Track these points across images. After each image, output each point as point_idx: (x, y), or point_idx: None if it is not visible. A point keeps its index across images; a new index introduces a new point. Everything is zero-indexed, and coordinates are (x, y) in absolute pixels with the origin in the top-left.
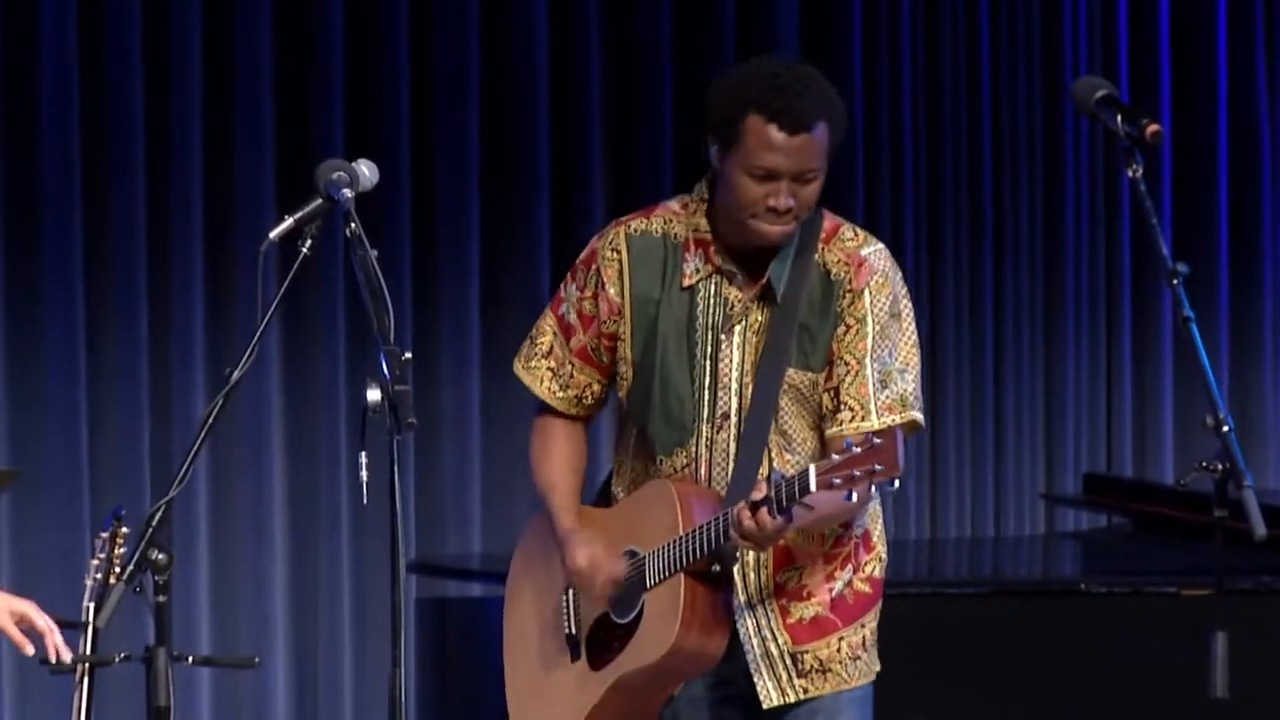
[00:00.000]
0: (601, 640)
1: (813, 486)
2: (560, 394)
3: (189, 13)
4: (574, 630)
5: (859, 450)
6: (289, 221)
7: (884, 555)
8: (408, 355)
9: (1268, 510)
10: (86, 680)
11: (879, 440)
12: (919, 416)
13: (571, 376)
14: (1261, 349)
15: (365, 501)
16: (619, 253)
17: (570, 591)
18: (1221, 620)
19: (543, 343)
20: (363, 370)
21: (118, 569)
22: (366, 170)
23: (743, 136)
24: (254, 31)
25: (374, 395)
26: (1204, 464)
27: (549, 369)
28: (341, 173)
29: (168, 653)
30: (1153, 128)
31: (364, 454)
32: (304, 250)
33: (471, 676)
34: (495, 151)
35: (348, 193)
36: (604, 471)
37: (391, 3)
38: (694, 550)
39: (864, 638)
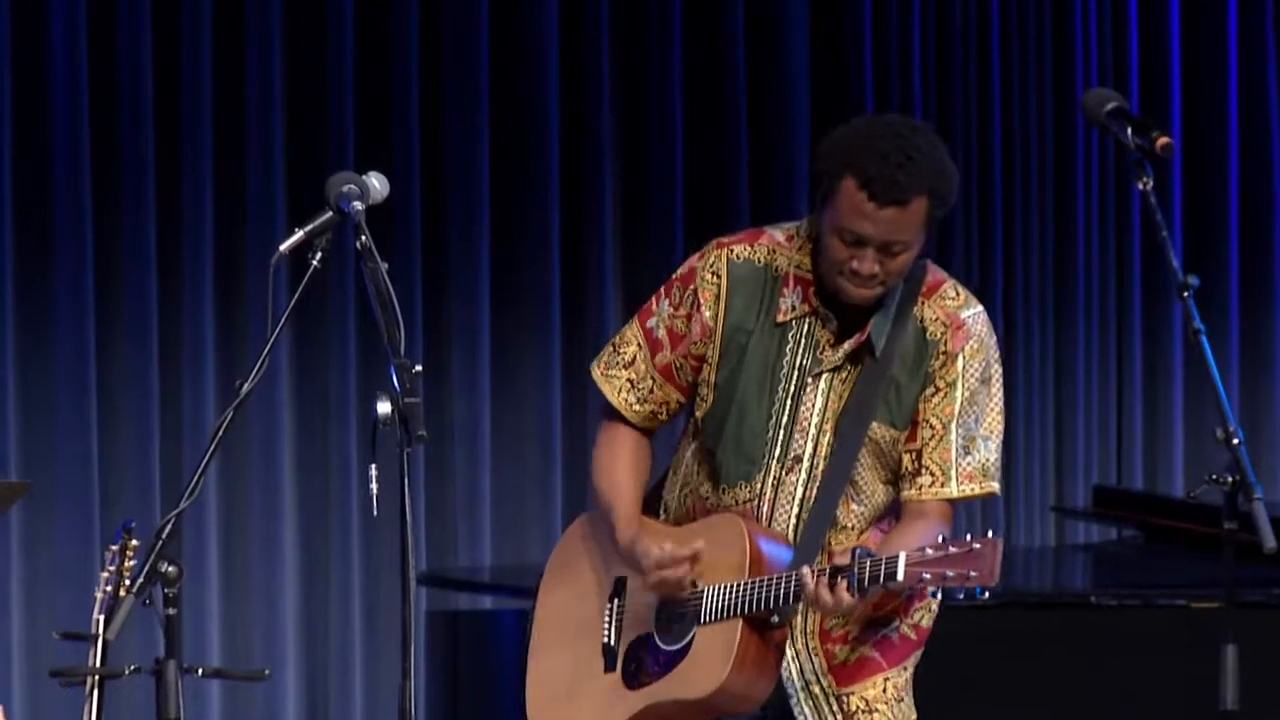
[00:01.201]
0: (639, 659)
1: (900, 576)
2: (636, 406)
3: (200, 25)
4: (613, 641)
5: (955, 551)
6: (299, 234)
7: (935, 607)
8: (418, 368)
9: (1277, 523)
10: (97, 692)
11: (978, 546)
12: (996, 488)
13: (651, 391)
14: (1272, 361)
15: (376, 514)
16: (719, 276)
17: (615, 601)
18: (1231, 633)
19: (626, 352)
20: (373, 383)
21: (128, 581)
22: (377, 183)
23: (836, 196)
24: (265, 44)
25: (384, 408)
26: (1214, 476)
27: (628, 380)
28: (352, 185)
29: (178, 665)
30: (1163, 140)
31: (374, 466)
32: (314, 263)
33: (482, 689)
34: (506, 164)
35: (358, 205)
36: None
37: (402, 16)
38: (758, 601)
39: (907, 679)
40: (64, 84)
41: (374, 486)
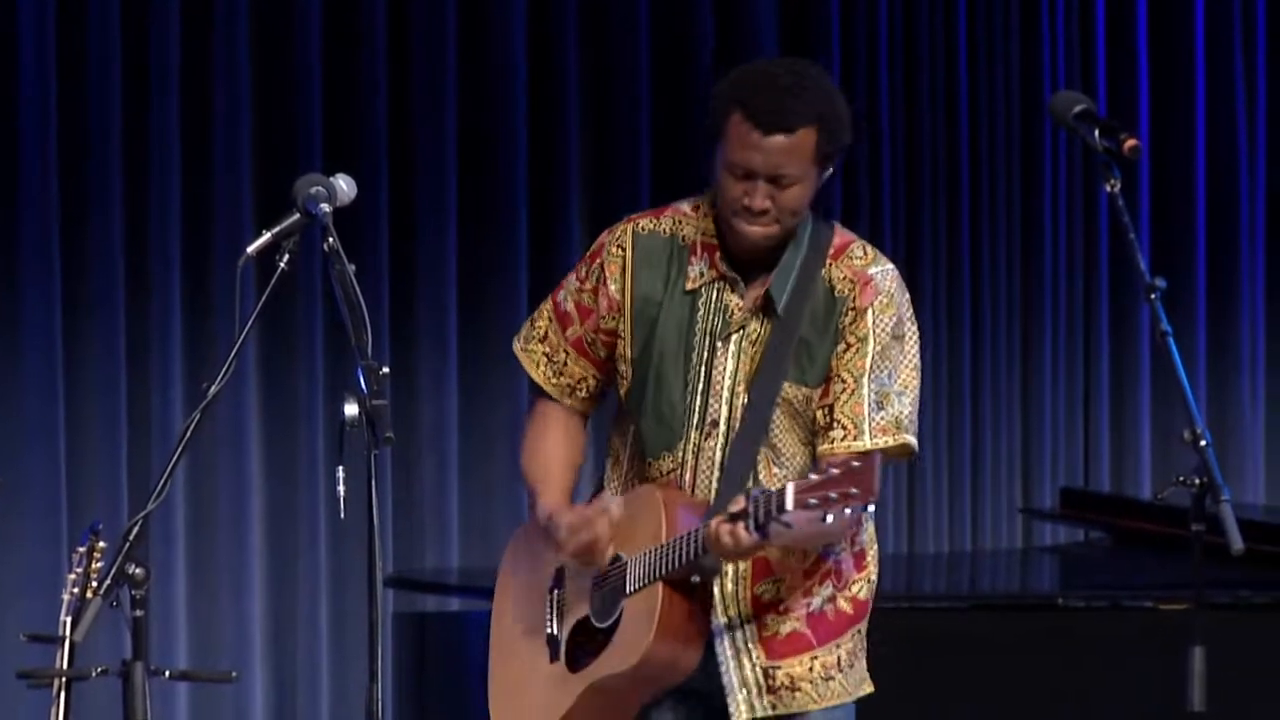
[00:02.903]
0: (581, 643)
1: (789, 505)
2: (554, 380)
3: (167, 28)
4: (555, 631)
5: (836, 472)
6: (267, 236)
7: (874, 578)
8: (385, 370)
9: (1245, 524)
10: (64, 694)
11: (857, 464)
12: (912, 441)
13: (565, 365)
14: (1239, 363)
15: (343, 516)
16: (624, 249)
17: (555, 592)
18: (1199, 634)
19: (540, 326)
20: (340, 385)
21: (95, 583)
22: (344, 185)
23: (726, 132)
24: (232, 46)
25: (351, 410)
26: (1181, 478)
27: (544, 354)
28: (319, 188)
29: (145, 667)
30: (1130, 142)
31: (341, 468)
32: (282, 265)
33: (450, 691)
34: (473, 166)
35: (325, 207)
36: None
37: (370, 18)
38: (674, 560)
39: (839, 658)
40: (32, 87)
41: (341, 488)
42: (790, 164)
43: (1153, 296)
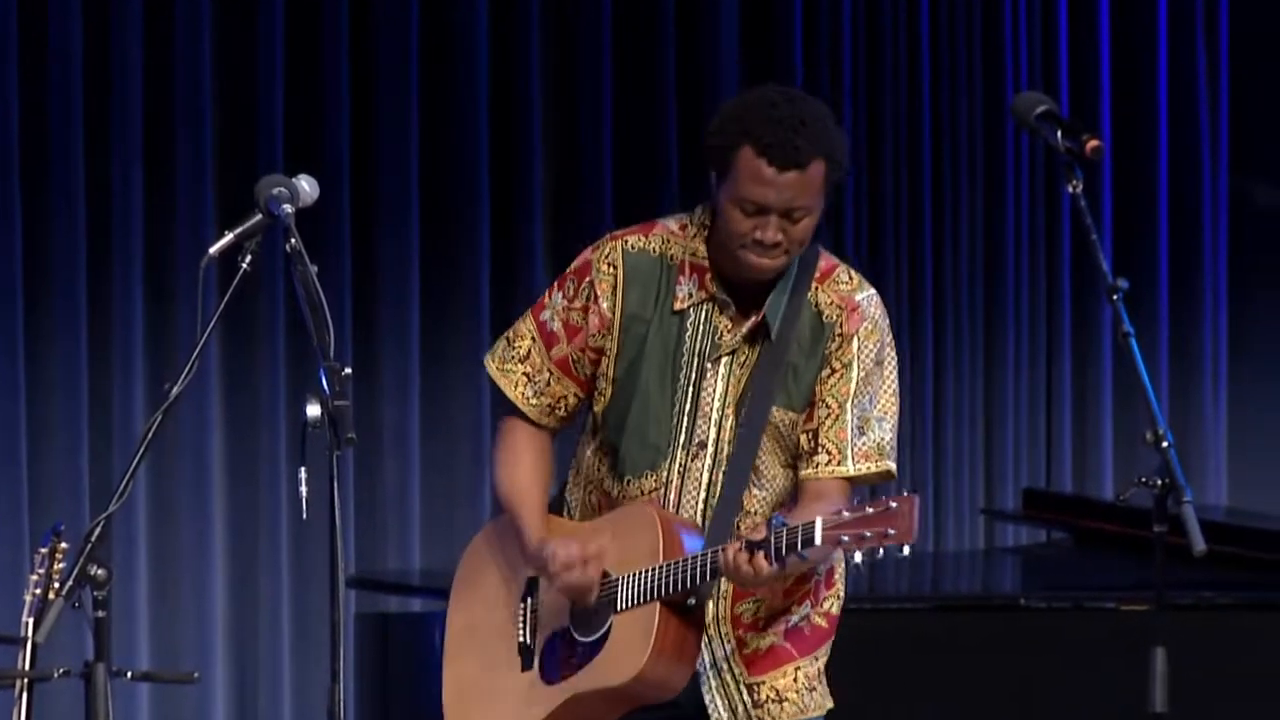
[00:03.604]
0: (557, 654)
1: (818, 540)
2: (533, 401)
3: (129, 28)
4: (528, 640)
5: (873, 511)
6: (229, 237)
7: (843, 594)
8: (348, 370)
9: (1207, 525)
10: (25, 695)
11: (895, 504)
12: (893, 467)
13: (548, 385)
14: (1201, 364)
15: (305, 517)
16: (615, 267)
17: (528, 600)
18: (1161, 635)
19: (520, 346)
20: (303, 385)
21: (57, 584)
22: (307, 186)
23: (734, 167)
24: (194, 47)
25: (314, 410)
26: (1143, 479)
27: (524, 374)
28: (282, 188)
29: (107, 668)
30: (1093, 143)
31: (304, 469)
32: (244, 266)
33: (412, 691)
34: (435, 168)
35: (288, 208)
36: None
37: (332, 19)
38: (675, 582)
39: (818, 669)
40: None
41: (303, 489)
42: (802, 197)
43: (1115, 297)
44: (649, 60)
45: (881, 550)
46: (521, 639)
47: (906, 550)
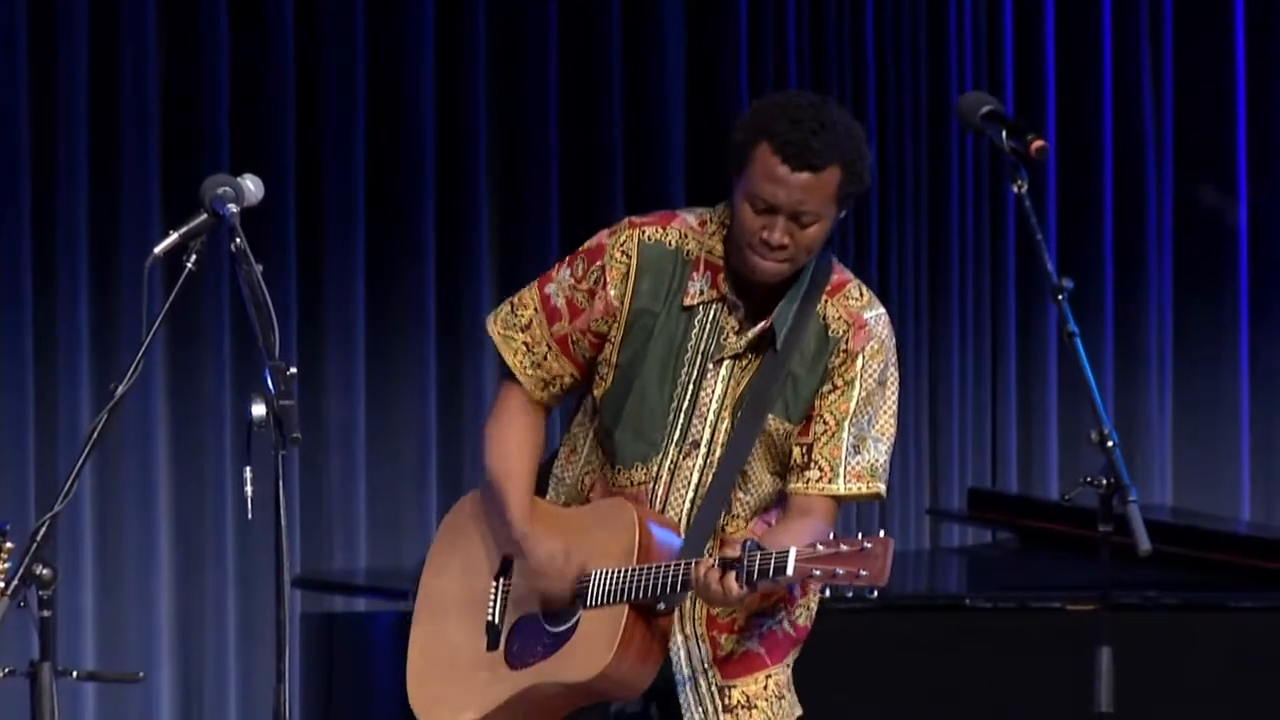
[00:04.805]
0: (524, 639)
1: (789, 571)
2: (530, 372)
3: (75, 28)
4: (497, 620)
5: (847, 549)
6: (174, 237)
7: (813, 606)
8: (293, 370)
9: (1152, 525)
10: None
11: (869, 545)
12: (882, 489)
13: (544, 359)
14: (1146, 364)
15: (250, 516)
16: (629, 256)
17: (501, 580)
18: (1106, 635)
19: (523, 315)
20: (248, 385)
21: (2, 584)
22: (252, 185)
23: (750, 164)
24: (140, 47)
25: (259, 410)
26: (1089, 479)
27: (524, 343)
28: (227, 188)
29: (52, 667)
30: (1038, 143)
31: (249, 469)
32: (189, 265)
33: (357, 691)
34: (381, 167)
35: (233, 208)
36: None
37: (278, 19)
38: (645, 588)
39: (788, 678)
40: None
41: (249, 489)
42: (813, 202)
43: (1060, 297)
44: (594, 62)
45: (851, 592)
46: (491, 617)
47: (875, 594)
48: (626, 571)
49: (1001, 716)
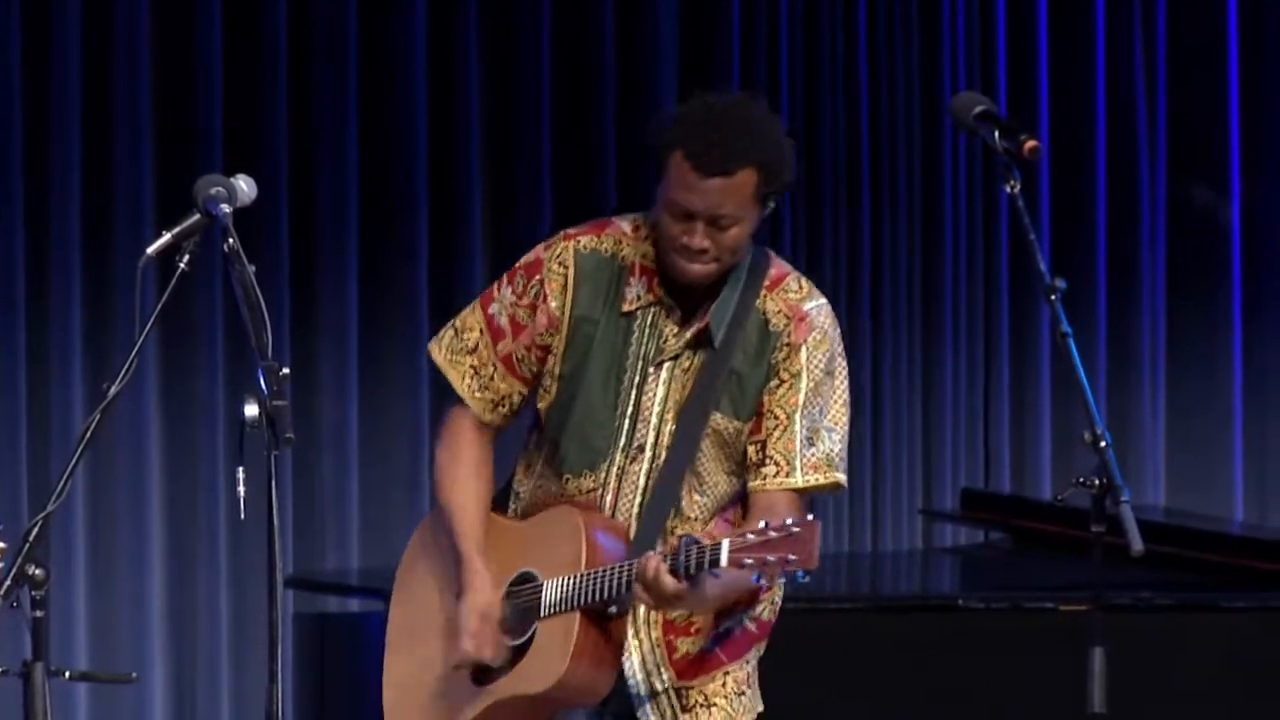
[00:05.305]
0: None
1: (724, 561)
2: (479, 394)
3: (67, 27)
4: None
5: (775, 535)
6: (167, 237)
7: (778, 599)
8: (285, 370)
9: (1145, 525)
10: None
11: (798, 529)
12: (843, 478)
13: (491, 380)
14: (1139, 364)
15: (243, 517)
16: (566, 267)
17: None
18: (1099, 635)
19: (469, 338)
20: (241, 385)
21: None
22: (245, 185)
23: (666, 172)
24: (132, 47)
25: (252, 410)
26: (1081, 479)
27: (471, 367)
28: (220, 188)
29: (45, 668)
30: (1030, 143)
31: (241, 469)
32: (182, 266)
33: (350, 692)
34: (373, 167)
35: (226, 208)
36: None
37: (271, 18)
38: (594, 592)
39: (748, 674)
40: None
41: (241, 489)
42: (729, 205)
43: (1053, 297)
44: (587, 62)
45: (784, 578)
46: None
47: (808, 578)
48: (575, 578)
49: (995, 717)
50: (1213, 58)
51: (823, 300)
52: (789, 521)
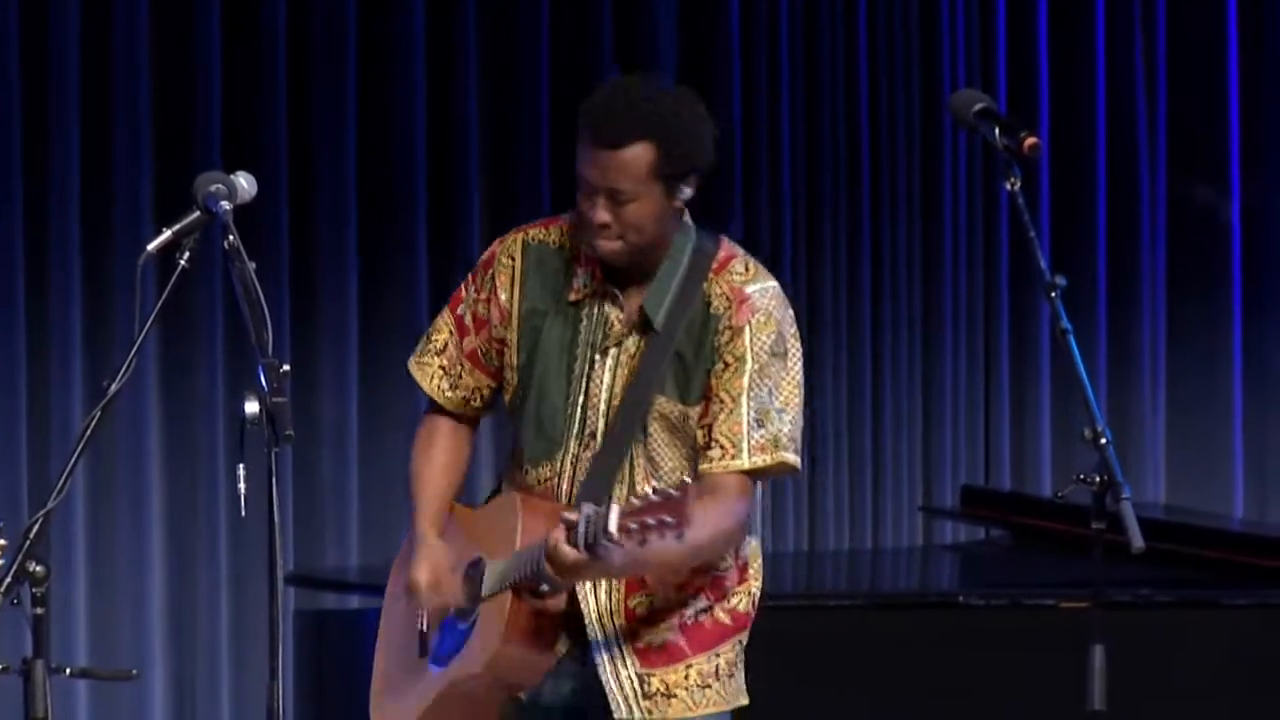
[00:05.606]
0: (443, 639)
1: (612, 528)
2: (449, 393)
3: (66, 24)
4: (425, 628)
5: (656, 499)
6: (167, 234)
7: (756, 590)
8: (286, 367)
9: (1145, 523)
10: None
11: (675, 493)
12: (790, 458)
13: (461, 378)
14: (1139, 361)
15: (243, 514)
16: (514, 259)
17: None
18: (1099, 633)
19: (438, 340)
20: (241, 382)
21: None
22: (245, 183)
23: (578, 146)
24: (131, 44)
25: (252, 407)
26: (1082, 476)
27: (440, 367)
28: (220, 185)
29: (45, 664)
30: (1030, 141)
31: (242, 466)
32: (182, 263)
33: (349, 689)
34: (373, 164)
35: (226, 205)
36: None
37: (270, 15)
38: (521, 569)
39: (718, 667)
40: None
41: (241, 486)
42: (624, 180)
43: (1053, 294)
44: (586, 59)
45: (664, 538)
46: (421, 627)
47: (685, 539)
48: (511, 558)
49: (995, 714)
50: (1213, 55)
51: (770, 282)
52: (671, 487)
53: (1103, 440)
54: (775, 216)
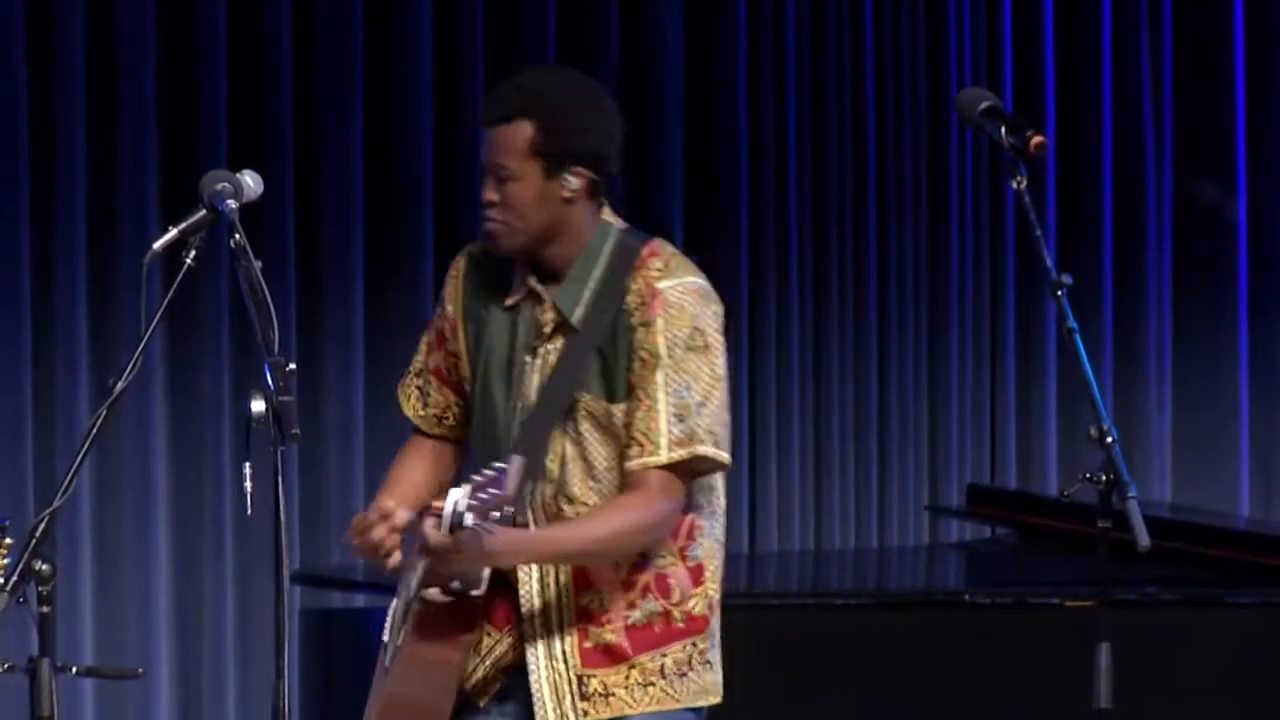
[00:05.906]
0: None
1: (462, 508)
2: (422, 411)
3: (72, 22)
4: (387, 636)
5: (490, 474)
6: (173, 233)
7: (713, 594)
8: (292, 366)
9: (1151, 521)
10: None
11: (502, 466)
12: (706, 450)
13: (429, 395)
14: (1145, 360)
15: (249, 512)
16: (458, 273)
17: (402, 595)
18: (1105, 631)
19: (417, 361)
20: (247, 381)
21: (1, 580)
22: (251, 181)
23: None
24: (137, 42)
25: (258, 406)
26: (1088, 475)
27: (418, 387)
28: (226, 184)
29: (51, 663)
30: (1037, 139)
31: (248, 465)
32: (188, 261)
33: (356, 687)
34: (380, 164)
35: (232, 204)
36: None
37: (275, 13)
38: (425, 567)
39: (663, 665)
40: None
41: (248, 485)
42: (504, 156)
43: (1059, 293)
44: (592, 59)
45: (495, 515)
46: (385, 635)
47: (510, 512)
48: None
49: (1000, 713)
50: (1219, 54)
51: (688, 278)
52: (500, 461)
53: (1108, 439)
54: (780, 216)
